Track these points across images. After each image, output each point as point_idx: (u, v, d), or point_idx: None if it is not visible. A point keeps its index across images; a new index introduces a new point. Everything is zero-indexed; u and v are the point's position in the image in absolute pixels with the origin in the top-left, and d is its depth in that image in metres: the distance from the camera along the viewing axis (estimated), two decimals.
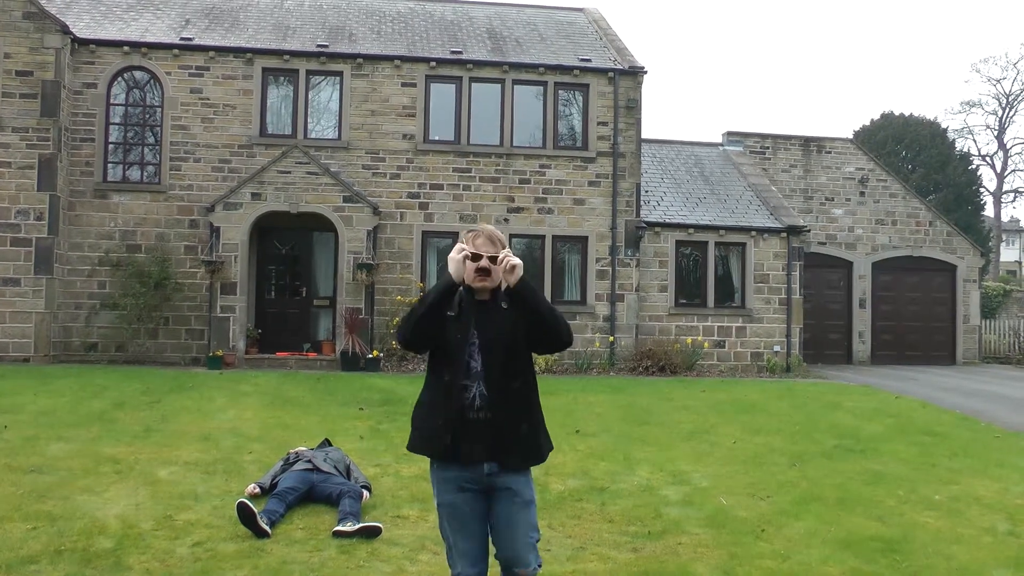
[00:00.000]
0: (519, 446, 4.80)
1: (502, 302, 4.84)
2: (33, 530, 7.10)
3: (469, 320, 4.77)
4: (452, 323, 4.76)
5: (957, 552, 7.27)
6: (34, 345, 20.84)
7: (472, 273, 4.76)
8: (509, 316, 4.80)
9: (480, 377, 4.74)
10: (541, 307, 4.74)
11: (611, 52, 25.31)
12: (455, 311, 4.79)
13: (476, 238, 4.82)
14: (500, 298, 4.85)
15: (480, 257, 4.75)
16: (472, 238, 4.84)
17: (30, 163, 21.19)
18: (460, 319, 4.77)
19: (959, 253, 30.55)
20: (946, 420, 15.25)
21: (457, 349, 4.73)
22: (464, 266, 4.75)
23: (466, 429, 4.71)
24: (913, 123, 46.95)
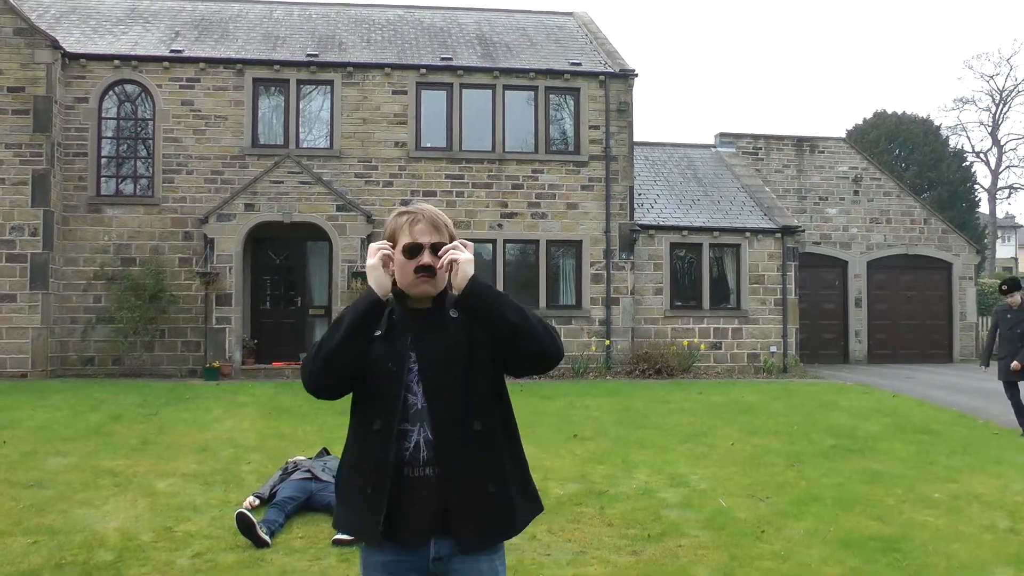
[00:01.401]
0: (480, 515, 3.38)
1: (450, 310, 3.48)
2: (34, 544, 7.10)
3: (404, 339, 3.42)
4: (380, 346, 3.40)
5: (957, 550, 7.27)
6: (31, 360, 20.82)
7: (410, 275, 3.39)
8: (462, 328, 3.44)
9: (423, 417, 3.38)
10: (507, 314, 3.32)
11: (601, 56, 25.33)
12: (383, 328, 3.43)
13: (413, 223, 3.43)
14: (448, 303, 3.50)
15: (420, 249, 3.38)
16: (407, 224, 3.44)
17: (24, 179, 21.17)
18: (391, 339, 3.42)
19: (954, 251, 30.57)
20: (944, 418, 15.27)
21: (390, 382, 3.37)
22: (389, 268, 3.40)
23: (404, 492, 3.34)
24: (906, 121, 47.04)
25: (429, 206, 3.55)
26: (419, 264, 3.38)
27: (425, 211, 3.48)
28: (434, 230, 3.43)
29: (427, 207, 3.53)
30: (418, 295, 3.44)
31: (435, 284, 3.43)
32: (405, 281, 3.42)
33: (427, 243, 3.39)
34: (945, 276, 30.53)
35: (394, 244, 3.43)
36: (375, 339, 3.39)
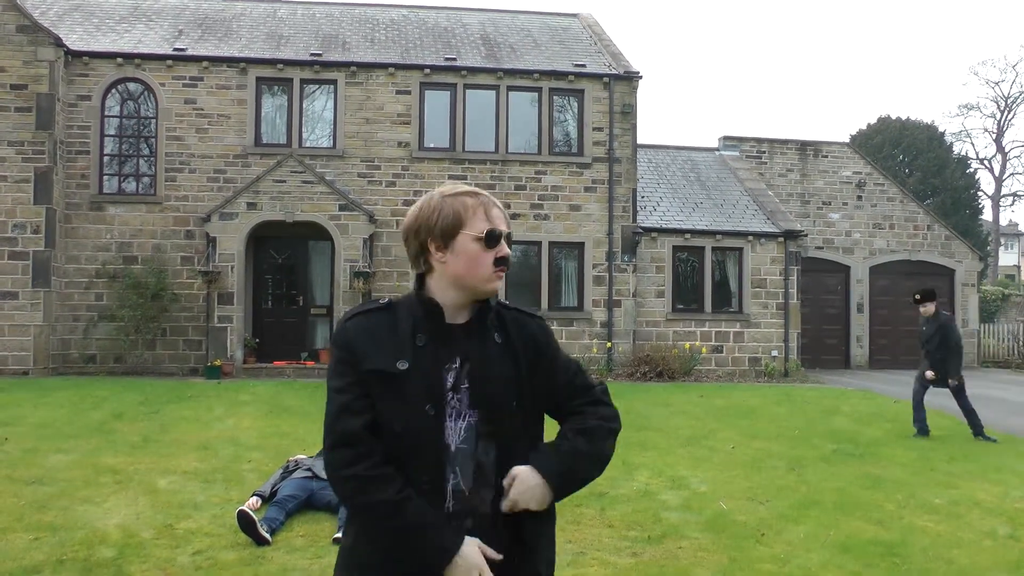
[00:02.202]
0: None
1: (495, 331, 2.81)
2: (35, 540, 7.10)
3: (439, 370, 2.69)
4: (412, 383, 2.64)
5: (957, 556, 7.26)
6: (33, 358, 20.83)
7: (489, 267, 2.76)
8: (510, 357, 2.78)
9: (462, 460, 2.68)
10: (593, 477, 3.03)
11: (606, 57, 25.34)
12: (408, 356, 2.67)
13: (489, 206, 2.81)
14: (488, 319, 2.82)
15: (500, 236, 2.78)
16: (481, 207, 2.79)
17: (26, 176, 21.19)
18: (424, 371, 2.66)
19: (957, 257, 30.57)
20: (945, 424, 15.23)
21: (428, 429, 2.64)
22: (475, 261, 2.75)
23: None
24: (910, 127, 47.05)
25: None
26: (500, 255, 2.78)
27: (484, 193, 2.87)
28: (506, 217, 2.88)
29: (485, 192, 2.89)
30: (492, 292, 2.82)
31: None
32: (480, 275, 2.75)
33: (505, 232, 2.81)
34: (947, 282, 30.50)
35: (457, 229, 2.74)
36: (401, 372, 2.64)
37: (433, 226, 2.76)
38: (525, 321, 2.92)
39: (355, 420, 2.63)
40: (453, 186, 2.86)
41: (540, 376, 2.84)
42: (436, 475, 2.63)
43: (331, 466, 2.66)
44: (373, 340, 2.70)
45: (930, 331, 13.76)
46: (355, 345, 2.70)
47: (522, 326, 2.89)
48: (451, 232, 2.74)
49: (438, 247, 2.76)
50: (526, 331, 2.88)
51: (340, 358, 2.71)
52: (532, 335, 2.88)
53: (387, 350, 2.67)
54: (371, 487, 2.57)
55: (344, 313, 2.96)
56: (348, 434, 2.62)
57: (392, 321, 2.74)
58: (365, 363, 2.66)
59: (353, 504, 2.63)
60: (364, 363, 2.66)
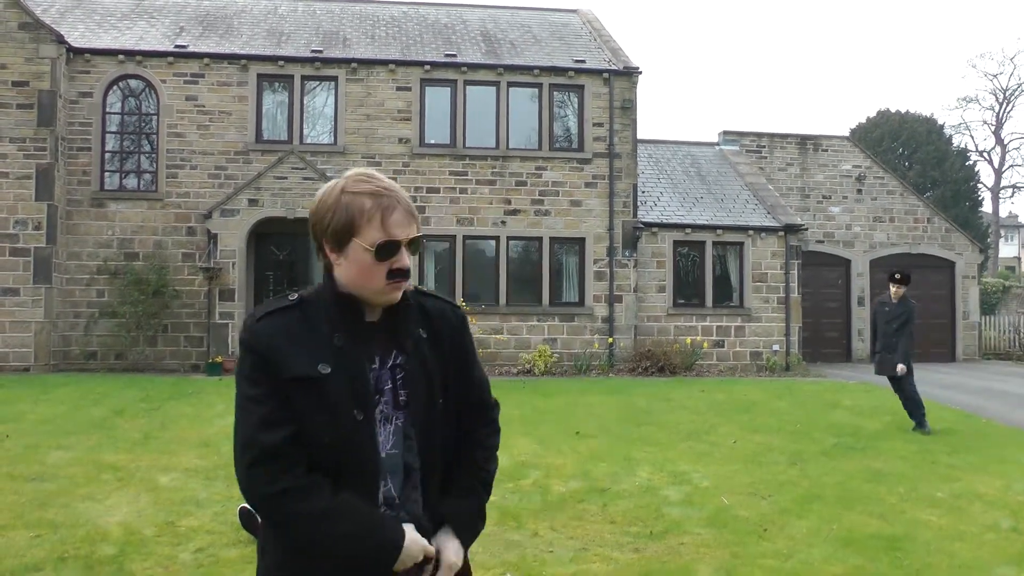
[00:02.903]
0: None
1: (418, 326, 2.63)
2: (36, 538, 7.10)
3: (362, 370, 2.50)
4: (336, 386, 2.45)
5: (960, 549, 7.25)
6: (34, 354, 20.84)
7: (381, 280, 2.49)
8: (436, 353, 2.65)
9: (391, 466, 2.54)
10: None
11: (606, 53, 25.32)
12: (328, 358, 2.46)
13: (388, 211, 2.50)
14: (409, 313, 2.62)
15: (397, 248, 2.49)
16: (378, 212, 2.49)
17: (27, 173, 21.19)
18: (349, 373, 2.47)
19: (957, 250, 30.54)
20: (946, 417, 15.24)
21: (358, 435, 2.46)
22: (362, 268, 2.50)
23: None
24: (910, 120, 47.02)
25: (387, 179, 2.61)
26: (395, 268, 2.49)
27: (396, 191, 2.56)
28: (411, 219, 2.55)
29: (389, 182, 2.59)
30: (386, 303, 2.55)
31: (404, 286, 2.58)
32: (371, 287, 2.50)
33: (405, 240, 2.51)
34: (948, 275, 30.49)
35: (350, 234, 2.48)
36: (324, 376, 2.44)
37: (326, 228, 2.51)
38: (446, 312, 2.74)
39: (276, 433, 2.40)
40: (360, 178, 2.55)
41: (457, 373, 2.70)
42: (368, 484, 2.47)
43: (252, 484, 2.44)
44: (289, 342, 2.46)
45: (894, 312, 13.70)
46: (270, 349, 2.45)
47: (444, 318, 2.71)
48: (343, 238, 2.49)
49: (332, 249, 2.53)
50: (448, 323, 2.71)
51: (254, 364, 2.45)
52: (453, 328, 2.72)
53: (305, 353, 2.45)
54: (304, 497, 2.38)
55: (250, 313, 2.65)
56: (270, 448, 2.39)
57: (305, 320, 2.51)
58: (283, 369, 2.42)
59: (285, 520, 2.42)
60: (282, 369, 2.42)
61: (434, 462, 2.60)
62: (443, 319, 2.70)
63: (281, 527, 2.47)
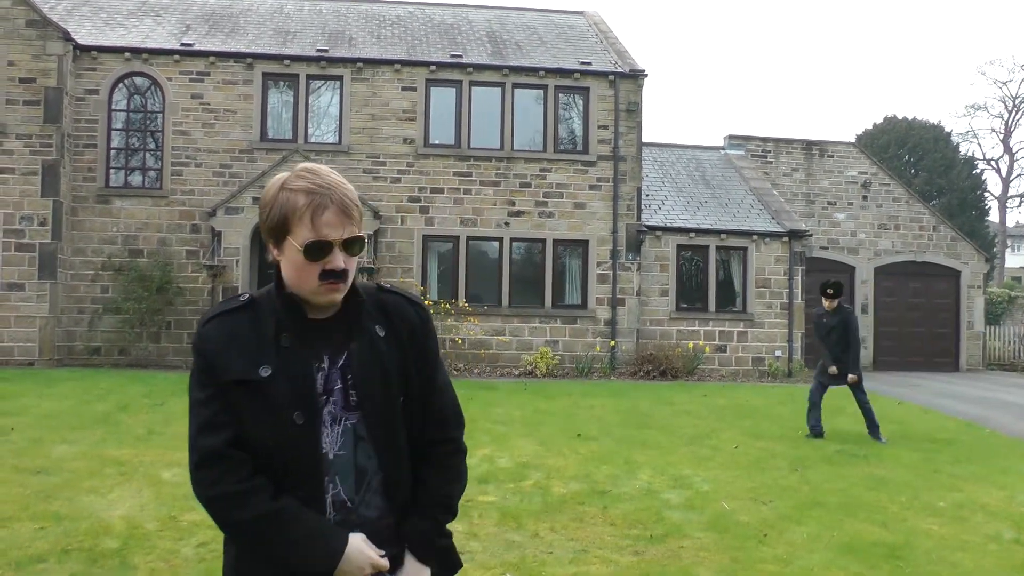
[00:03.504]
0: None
1: (375, 327, 2.57)
2: (40, 530, 7.14)
3: (307, 372, 2.47)
4: (278, 389, 2.43)
5: (962, 559, 7.24)
6: (38, 349, 20.91)
7: (314, 281, 2.44)
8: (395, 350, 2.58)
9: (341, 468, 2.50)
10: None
11: (611, 55, 25.33)
12: (272, 360, 2.44)
13: (318, 210, 2.41)
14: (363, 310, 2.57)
15: (328, 250, 2.42)
16: (309, 210, 2.41)
17: (33, 169, 21.25)
18: (290, 376, 2.45)
19: (963, 258, 30.47)
20: (949, 426, 15.25)
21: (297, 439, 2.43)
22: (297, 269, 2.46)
23: None
24: (917, 127, 46.99)
25: (332, 174, 2.49)
26: (327, 269, 2.42)
27: (332, 189, 2.43)
28: (346, 218, 2.43)
29: (331, 177, 2.47)
30: (323, 304, 2.50)
31: (344, 288, 2.49)
32: (305, 287, 2.45)
33: (338, 240, 2.42)
34: (953, 284, 30.42)
35: (284, 232, 2.43)
36: (267, 380, 2.42)
37: (264, 221, 2.49)
38: (405, 309, 2.65)
39: (216, 437, 2.41)
40: (301, 174, 2.47)
41: (419, 375, 2.62)
42: (313, 487, 2.44)
43: (196, 486, 2.46)
44: (233, 345, 2.45)
45: (831, 323, 13.66)
46: (213, 352, 2.45)
47: (403, 315, 2.63)
48: (279, 235, 2.45)
49: (273, 246, 2.49)
50: (407, 320, 2.63)
51: (200, 367, 2.47)
52: (413, 325, 2.64)
53: (248, 355, 2.43)
54: (242, 502, 2.39)
55: (203, 314, 2.62)
56: (210, 452, 2.41)
57: (254, 321, 2.49)
58: (224, 372, 2.42)
59: (227, 524, 2.45)
60: (223, 372, 2.42)
61: (397, 464, 2.55)
62: (402, 316, 2.63)
63: (225, 529, 2.49)
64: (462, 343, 22.56)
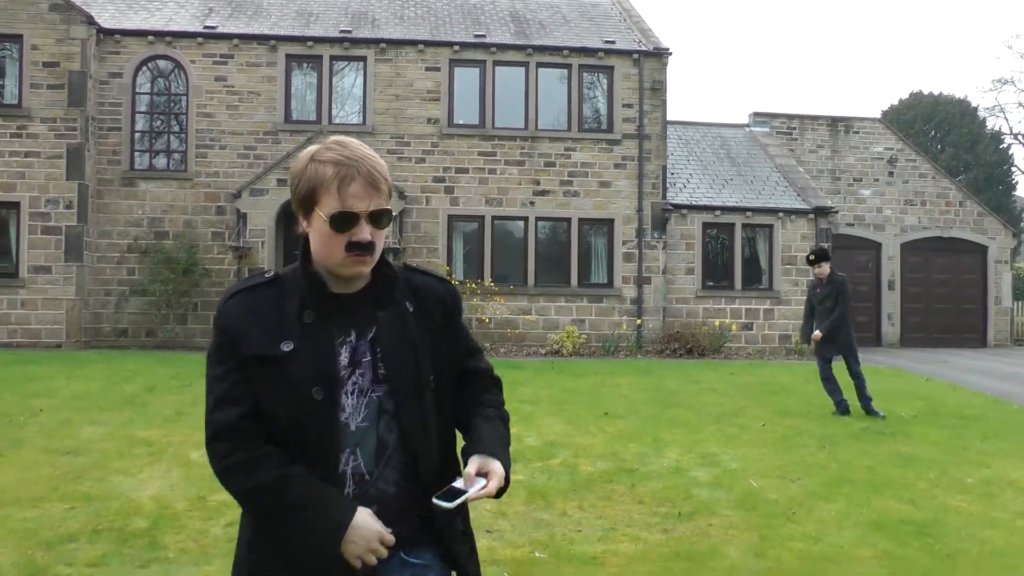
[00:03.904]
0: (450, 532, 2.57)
1: (406, 303, 2.56)
2: (71, 510, 7.18)
3: (329, 347, 2.43)
4: (298, 364, 2.39)
5: (991, 536, 7.19)
6: (66, 331, 21.04)
7: (340, 253, 2.40)
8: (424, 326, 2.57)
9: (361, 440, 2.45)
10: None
11: (635, 34, 25.21)
12: (295, 335, 2.42)
13: (345, 181, 2.40)
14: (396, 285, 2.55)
15: (354, 221, 2.39)
16: (336, 181, 2.40)
17: (58, 152, 21.35)
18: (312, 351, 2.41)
19: (990, 234, 30.25)
20: (977, 403, 15.16)
21: (317, 416, 2.39)
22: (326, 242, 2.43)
23: None
24: (943, 102, 46.62)
25: (361, 147, 2.50)
26: (353, 240, 2.39)
27: (360, 160, 2.43)
28: (373, 191, 2.42)
29: (360, 150, 2.48)
30: (349, 276, 2.46)
31: (371, 261, 2.46)
32: (332, 259, 2.42)
33: (364, 212, 2.39)
34: (980, 259, 30.21)
35: (312, 203, 2.43)
36: (287, 355, 2.39)
37: (294, 192, 2.49)
38: (434, 286, 2.66)
39: (233, 410, 2.41)
40: (331, 146, 2.49)
41: (450, 352, 2.63)
42: (330, 461, 2.40)
43: (211, 460, 2.45)
44: (255, 321, 2.43)
45: (825, 292, 13.51)
46: (235, 327, 2.44)
47: (432, 291, 2.64)
48: (307, 207, 2.44)
49: (303, 217, 2.48)
50: (436, 298, 2.64)
51: (220, 342, 2.47)
52: (441, 300, 2.64)
53: (270, 331, 2.41)
54: (251, 470, 2.37)
55: (226, 289, 2.61)
56: (225, 425, 2.42)
57: (278, 297, 2.47)
58: (245, 347, 2.41)
59: (239, 494, 2.42)
60: (244, 347, 2.41)
61: (421, 441, 2.49)
62: (432, 295, 2.63)
63: (240, 501, 2.46)
64: (488, 322, 22.57)
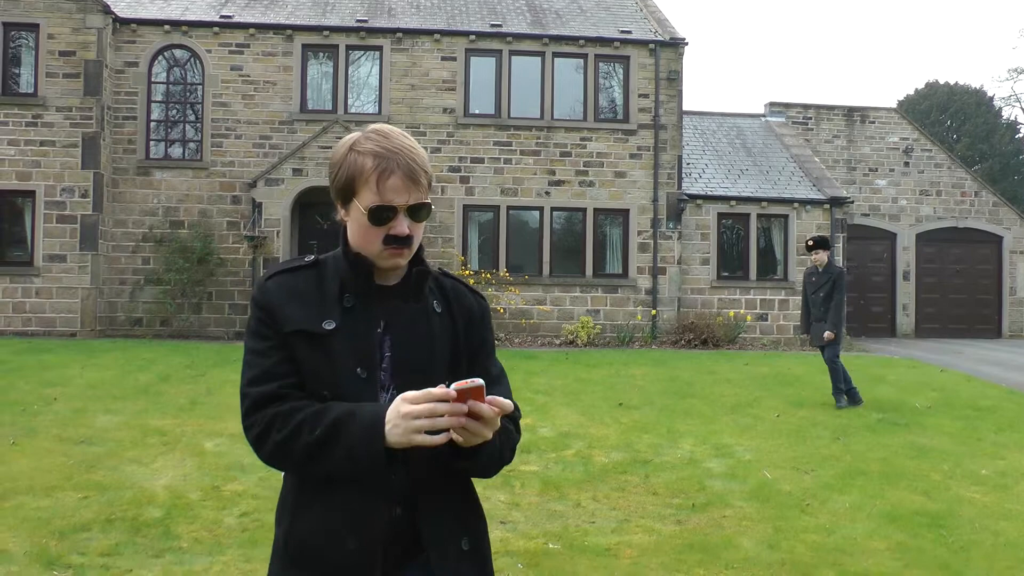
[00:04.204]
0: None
1: (433, 301, 2.52)
2: (84, 499, 7.21)
3: (372, 328, 2.41)
4: (341, 342, 2.37)
5: (1005, 528, 7.18)
6: (80, 320, 21.10)
7: (377, 244, 2.39)
8: (448, 329, 2.51)
9: None
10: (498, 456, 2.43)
11: (651, 23, 25.13)
12: (336, 316, 2.40)
13: (384, 174, 2.34)
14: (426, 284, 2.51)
15: (392, 215, 2.36)
16: (375, 174, 2.35)
17: (74, 141, 21.39)
18: (355, 331, 2.39)
19: (1005, 224, 30.12)
20: (992, 394, 15.11)
21: (359, 392, 2.34)
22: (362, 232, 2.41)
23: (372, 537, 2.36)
24: (958, 91, 46.46)
25: (402, 137, 2.42)
26: (391, 234, 2.37)
27: (400, 152, 2.36)
28: (412, 183, 2.36)
29: (401, 140, 2.40)
30: (388, 268, 2.44)
31: (409, 254, 2.44)
32: (369, 251, 2.40)
33: (403, 206, 2.37)
34: (995, 250, 30.08)
35: (351, 194, 2.40)
36: (330, 333, 2.36)
37: (332, 182, 2.46)
38: (464, 294, 2.60)
39: (272, 384, 2.35)
40: (371, 135, 2.42)
41: (471, 364, 2.51)
42: None
43: (248, 432, 2.37)
44: (296, 300, 2.41)
45: (821, 280, 13.45)
46: (276, 305, 2.40)
47: (461, 298, 2.58)
48: (346, 197, 2.42)
49: (341, 206, 2.46)
50: (464, 306, 2.57)
51: (260, 319, 2.41)
52: (468, 309, 2.57)
53: (312, 310, 2.39)
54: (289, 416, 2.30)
55: (265, 270, 2.50)
56: (262, 396, 2.34)
57: (318, 279, 2.45)
58: (286, 323, 2.37)
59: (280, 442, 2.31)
60: (285, 324, 2.37)
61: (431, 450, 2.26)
62: (460, 301, 2.58)
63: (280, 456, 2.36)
64: (503, 312, 22.55)
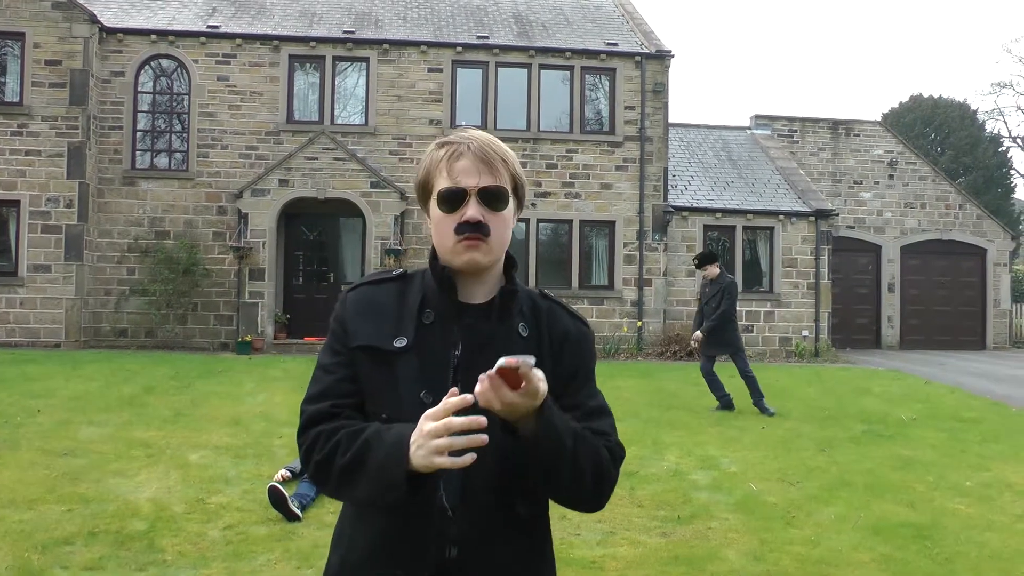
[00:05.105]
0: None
1: (519, 324, 2.28)
2: (68, 512, 7.16)
3: (445, 352, 2.21)
4: (409, 364, 2.20)
5: (989, 539, 7.20)
6: (65, 331, 21.02)
7: (451, 236, 2.22)
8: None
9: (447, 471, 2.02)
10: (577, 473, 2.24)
11: (638, 36, 25.20)
12: (410, 333, 2.23)
13: (453, 157, 2.25)
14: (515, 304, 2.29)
15: (462, 197, 2.21)
16: (446, 159, 2.26)
17: (59, 151, 21.34)
18: (427, 352, 2.21)
19: (989, 236, 30.25)
20: (976, 405, 15.15)
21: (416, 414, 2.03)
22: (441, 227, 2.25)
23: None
24: (943, 105, 46.62)
25: (483, 134, 2.30)
26: (463, 221, 2.19)
27: (473, 139, 2.25)
28: (484, 167, 2.21)
29: (480, 134, 2.29)
30: (463, 266, 2.21)
31: (488, 250, 2.21)
32: (446, 245, 2.22)
33: (473, 188, 2.20)
34: (979, 262, 30.21)
35: (429, 190, 2.29)
36: (399, 352, 2.20)
37: (416, 185, 2.35)
38: (561, 317, 2.36)
39: (325, 403, 2.22)
40: (453, 133, 2.33)
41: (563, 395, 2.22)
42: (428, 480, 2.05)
43: (299, 448, 2.24)
44: (373, 313, 2.27)
45: (712, 291, 13.57)
46: (351, 319, 2.27)
47: (555, 321, 2.34)
48: (425, 194, 2.32)
49: (423, 208, 2.35)
50: (559, 328, 2.33)
51: (334, 331, 2.31)
52: (564, 333, 2.33)
53: (386, 325, 2.23)
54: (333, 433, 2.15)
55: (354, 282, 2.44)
56: (317, 413, 2.21)
57: (401, 293, 2.30)
58: (355, 337, 2.24)
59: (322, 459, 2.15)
60: (355, 338, 2.24)
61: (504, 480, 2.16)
62: (554, 324, 2.34)
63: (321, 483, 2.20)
64: None
